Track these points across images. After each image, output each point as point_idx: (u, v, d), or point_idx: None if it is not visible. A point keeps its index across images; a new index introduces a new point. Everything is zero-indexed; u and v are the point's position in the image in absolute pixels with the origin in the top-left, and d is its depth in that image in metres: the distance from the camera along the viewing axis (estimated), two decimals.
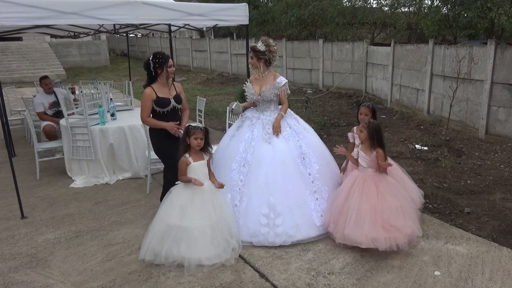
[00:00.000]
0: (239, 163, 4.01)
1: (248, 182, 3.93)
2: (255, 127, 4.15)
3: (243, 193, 3.92)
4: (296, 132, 4.16)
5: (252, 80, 4.30)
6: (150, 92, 3.98)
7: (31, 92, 11.85)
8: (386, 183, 3.67)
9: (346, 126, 9.06)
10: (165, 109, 4.05)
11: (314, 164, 4.05)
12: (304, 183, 3.97)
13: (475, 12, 13.65)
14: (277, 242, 3.75)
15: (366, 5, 19.03)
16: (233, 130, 4.35)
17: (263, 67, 4.19)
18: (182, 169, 3.49)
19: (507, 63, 6.99)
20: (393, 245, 3.49)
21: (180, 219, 3.40)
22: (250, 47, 4.18)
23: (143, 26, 7.33)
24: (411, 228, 3.59)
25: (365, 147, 3.74)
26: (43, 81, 6.85)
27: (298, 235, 3.80)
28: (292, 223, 3.81)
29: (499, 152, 6.74)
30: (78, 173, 5.71)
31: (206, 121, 8.15)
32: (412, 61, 9.69)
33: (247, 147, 4.06)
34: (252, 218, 3.81)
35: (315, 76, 14.37)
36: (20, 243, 4.01)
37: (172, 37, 8.54)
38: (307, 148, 4.09)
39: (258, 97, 4.19)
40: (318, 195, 3.99)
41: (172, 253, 3.40)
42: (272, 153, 3.98)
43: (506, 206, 4.70)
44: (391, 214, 3.54)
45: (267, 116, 4.19)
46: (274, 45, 4.16)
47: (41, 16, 4.23)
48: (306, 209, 3.90)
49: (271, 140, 4.04)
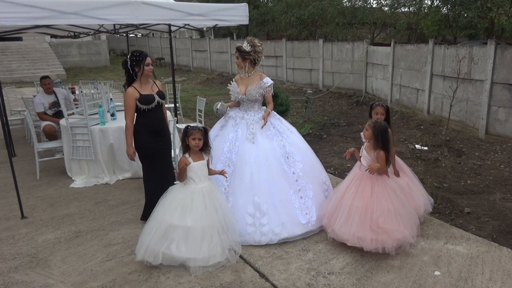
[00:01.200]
0: (224, 163, 4.02)
1: (233, 182, 3.95)
2: (239, 127, 4.16)
3: (228, 193, 3.94)
4: (279, 132, 4.19)
5: (237, 80, 4.34)
6: (132, 91, 3.98)
7: (31, 92, 11.86)
8: (383, 185, 3.64)
9: (346, 126, 9.06)
10: (150, 105, 4.05)
11: (298, 163, 4.08)
12: (288, 182, 3.99)
13: (475, 12, 13.66)
14: (263, 241, 3.79)
15: (366, 5, 19.04)
16: (216, 130, 4.35)
17: (248, 67, 4.23)
18: (182, 168, 3.48)
19: (507, 63, 6.99)
20: (379, 247, 3.49)
21: (182, 219, 3.39)
22: (235, 47, 4.22)
23: (143, 26, 7.33)
24: (402, 233, 3.52)
25: (369, 146, 3.72)
26: (43, 81, 6.85)
27: (283, 233, 3.83)
28: (277, 221, 3.84)
29: (499, 152, 6.74)
30: (78, 173, 5.70)
31: (206, 121, 8.15)
32: (412, 61, 9.69)
33: (231, 147, 4.08)
34: (238, 217, 3.82)
35: (315, 76, 14.38)
36: (20, 243, 4.01)
37: (172, 37, 8.54)
38: (291, 147, 4.12)
39: (243, 96, 4.22)
40: (302, 194, 4.01)
41: (171, 253, 3.37)
42: (256, 152, 4.01)
43: (506, 206, 4.70)
44: (381, 216, 3.51)
45: (251, 116, 4.20)
46: (259, 45, 4.19)
47: (41, 16, 4.23)
48: (290, 207, 3.93)
49: (255, 140, 4.06)
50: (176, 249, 3.37)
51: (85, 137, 5.49)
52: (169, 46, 7.49)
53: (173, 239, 3.37)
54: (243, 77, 4.30)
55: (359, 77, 12.62)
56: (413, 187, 4.08)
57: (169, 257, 3.39)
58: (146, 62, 3.99)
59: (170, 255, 3.38)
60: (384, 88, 11.20)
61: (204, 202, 3.46)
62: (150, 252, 3.40)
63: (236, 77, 4.39)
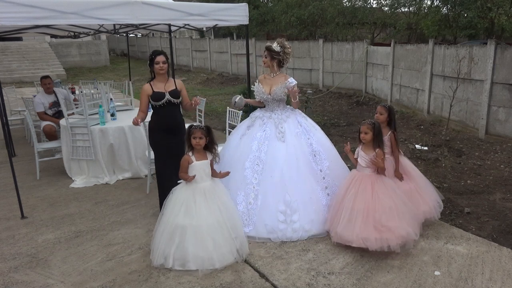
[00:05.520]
0: (253, 161, 4.07)
1: (263, 180, 4.00)
2: (266, 126, 4.22)
3: (258, 191, 3.99)
4: (306, 130, 4.26)
5: (261, 80, 4.37)
6: (147, 88, 4.14)
7: (31, 92, 11.85)
8: (382, 183, 3.66)
9: (346, 126, 9.07)
10: (159, 102, 4.12)
11: (325, 161, 4.16)
12: (316, 180, 4.08)
13: (475, 12, 13.65)
14: (295, 237, 3.87)
15: (366, 5, 19.02)
16: (243, 129, 4.39)
17: (276, 67, 4.28)
18: (184, 166, 3.50)
19: (507, 63, 6.99)
20: (384, 246, 3.48)
21: (187, 218, 3.40)
22: (265, 46, 4.27)
23: (143, 26, 7.33)
24: (405, 230, 3.52)
25: (367, 147, 3.74)
26: (43, 81, 6.85)
27: (313, 229, 3.92)
28: (307, 218, 3.93)
29: (499, 152, 6.74)
30: (78, 173, 5.70)
31: (206, 121, 8.15)
32: (412, 61, 9.69)
33: (260, 145, 4.12)
34: (269, 215, 3.89)
35: (315, 76, 14.37)
36: (20, 243, 4.01)
37: (172, 37, 8.54)
38: (317, 145, 4.20)
39: (268, 96, 4.26)
40: (329, 191, 4.10)
41: (180, 253, 3.38)
42: (286, 151, 4.07)
43: (506, 206, 4.70)
44: (383, 214, 3.51)
45: (278, 114, 4.27)
46: (289, 47, 4.26)
47: (41, 16, 4.23)
48: (318, 204, 4.00)
49: (285, 138, 4.12)
50: (185, 248, 3.38)
51: (85, 137, 5.49)
52: (169, 46, 7.49)
53: (181, 239, 3.38)
54: (267, 77, 4.34)
55: (359, 77, 12.62)
56: (417, 193, 3.99)
57: (179, 257, 3.39)
58: (156, 60, 4.08)
59: (179, 255, 3.39)
60: (384, 88, 11.20)
61: (206, 201, 3.46)
62: (161, 254, 3.43)
63: (260, 77, 4.42)
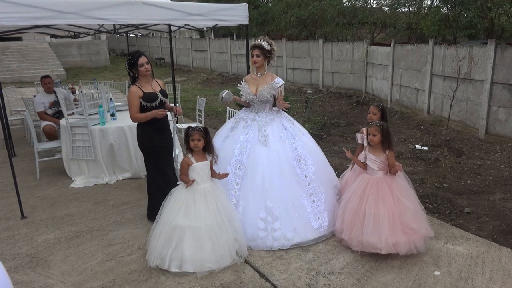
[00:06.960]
0: (235, 166, 3.91)
1: (245, 186, 3.84)
2: (250, 128, 4.04)
3: (239, 197, 3.83)
4: (291, 134, 4.06)
5: (248, 80, 4.20)
6: (136, 90, 4.04)
7: (31, 92, 11.86)
8: (399, 186, 3.57)
9: (346, 126, 9.07)
10: (153, 103, 4.08)
11: (310, 166, 3.97)
12: (300, 186, 3.89)
13: (475, 12, 13.65)
14: (275, 246, 3.71)
15: (366, 5, 19.03)
16: (226, 131, 4.23)
17: (265, 66, 4.12)
18: (184, 168, 3.49)
19: (507, 63, 6.99)
20: (412, 248, 3.45)
21: (186, 219, 3.38)
22: (257, 45, 4.02)
23: (143, 26, 7.33)
24: (425, 229, 3.53)
25: (375, 149, 3.61)
26: (43, 80, 6.85)
27: (296, 238, 3.75)
28: (289, 226, 3.76)
29: (499, 152, 6.74)
30: (78, 173, 5.70)
31: (206, 121, 8.15)
32: (412, 61, 9.69)
33: (242, 149, 3.95)
34: (249, 222, 3.75)
35: (315, 76, 14.37)
36: (20, 243, 4.01)
37: (172, 37, 8.54)
38: (303, 150, 4.00)
39: (253, 97, 4.08)
40: (315, 198, 3.92)
41: (178, 254, 3.37)
42: (268, 155, 3.89)
43: (506, 206, 4.70)
44: (409, 216, 3.47)
45: (262, 117, 4.08)
46: (274, 44, 4.14)
47: (41, 16, 4.23)
48: (303, 212, 3.83)
49: (268, 142, 3.95)
50: (183, 250, 3.36)
51: (85, 137, 5.49)
52: (169, 46, 7.49)
53: (179, 240, 3.37)
54: (254, 77, 4.15)
55: (359, 77, 12.62)
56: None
57: (176, 258, 3.38)
58: (139, 63, 3.99)
59: (177, 256, 3.37)
60: (384, 88, 11.20)
61: (206, 202, 3.45)
62: (157, 255, 3.41)
63: (247, 77, 4.24)
